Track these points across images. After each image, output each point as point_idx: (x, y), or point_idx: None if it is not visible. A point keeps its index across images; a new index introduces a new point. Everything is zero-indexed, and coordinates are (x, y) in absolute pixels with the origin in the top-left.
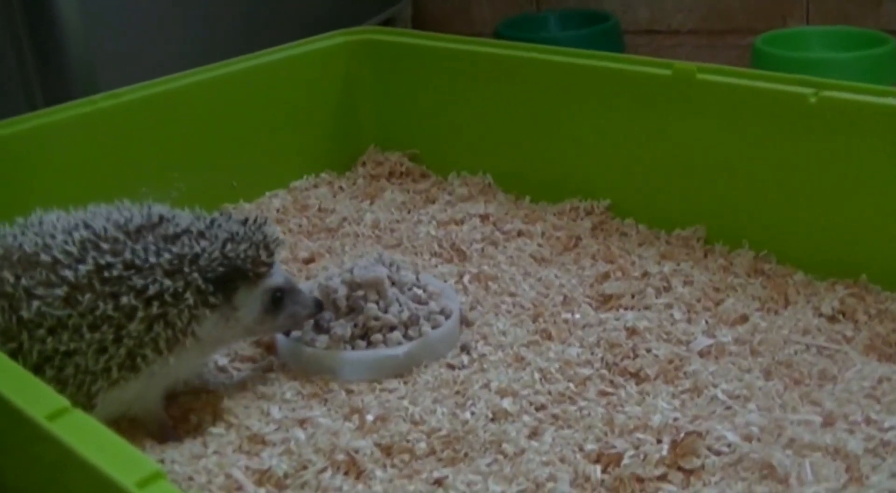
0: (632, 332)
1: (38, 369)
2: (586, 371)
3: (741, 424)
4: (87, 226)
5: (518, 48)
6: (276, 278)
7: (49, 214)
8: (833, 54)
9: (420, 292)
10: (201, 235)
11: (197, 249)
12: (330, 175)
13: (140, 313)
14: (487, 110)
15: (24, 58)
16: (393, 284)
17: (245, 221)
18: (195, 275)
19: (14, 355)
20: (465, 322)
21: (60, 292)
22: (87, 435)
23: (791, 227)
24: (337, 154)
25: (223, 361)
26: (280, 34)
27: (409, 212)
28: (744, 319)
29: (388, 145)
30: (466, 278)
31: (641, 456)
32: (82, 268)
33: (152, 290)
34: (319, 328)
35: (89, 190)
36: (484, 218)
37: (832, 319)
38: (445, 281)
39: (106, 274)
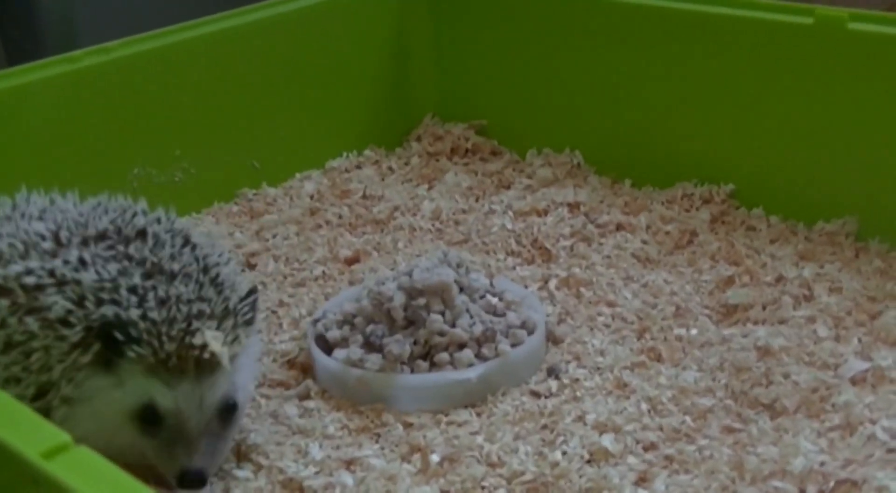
0: (764, 352)
1: None
2: (707, 402)
3: None
4: (41, 219)
5: None
6: (162, 394)
7: (22, 197)
8: None
9: (495, 300)
10: (161, 272)
11: (125, 282)
12: (376, 153)
13: (36, 342)
14: (576, 71)
15: None
16: (461, 290)
17: (227, 306)
18: (96, 309)
19: None
20: (553, 339)
21: None
22: (92, 476)
23: None
24: (385, 126)
25: None
26: None
27: (477, 199)
28: None
29: (450, 115)
30: (553, 284)
31: None
32: (12, 269)
33: (53, 313)
34: (370, 346)
35: (67, 169)
36: (573, 207)
37: None
38: (526, 287)
39: (26, 281)
